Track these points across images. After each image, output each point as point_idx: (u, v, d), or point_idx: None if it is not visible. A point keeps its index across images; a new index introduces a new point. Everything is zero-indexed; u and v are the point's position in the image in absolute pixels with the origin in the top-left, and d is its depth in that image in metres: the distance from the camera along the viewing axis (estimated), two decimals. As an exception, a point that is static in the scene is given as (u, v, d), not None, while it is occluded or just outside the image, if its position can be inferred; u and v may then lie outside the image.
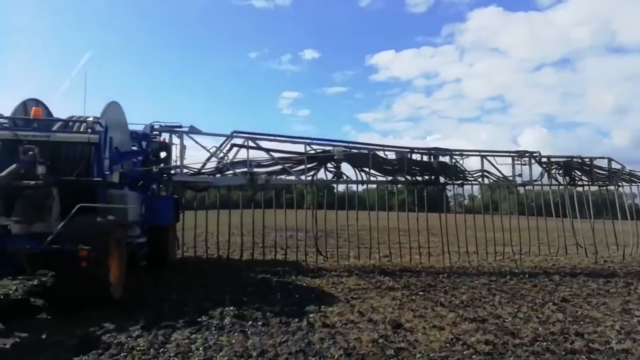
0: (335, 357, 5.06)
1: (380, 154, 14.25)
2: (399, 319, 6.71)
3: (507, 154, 15.23)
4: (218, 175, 13.48)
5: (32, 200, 7.67)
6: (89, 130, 8.79)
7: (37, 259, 6.95)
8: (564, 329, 6.45)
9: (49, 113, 9.84)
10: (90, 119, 9.28)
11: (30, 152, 7.84)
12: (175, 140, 12.92)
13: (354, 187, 14.76)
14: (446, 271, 11.86)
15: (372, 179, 14.19)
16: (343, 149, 13.95)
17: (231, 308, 7.24)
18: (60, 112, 10.23)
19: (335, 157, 13.72)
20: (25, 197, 7.64)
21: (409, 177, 14.33)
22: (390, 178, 14.28)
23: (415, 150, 14.51)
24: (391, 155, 14.34)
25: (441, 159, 14.46)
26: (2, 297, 8.12)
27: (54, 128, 8.93)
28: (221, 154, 13.31)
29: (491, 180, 15.06)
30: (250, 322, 6.43)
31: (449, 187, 14.87)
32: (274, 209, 14.94)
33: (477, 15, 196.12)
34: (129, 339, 5.58)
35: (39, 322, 6.56)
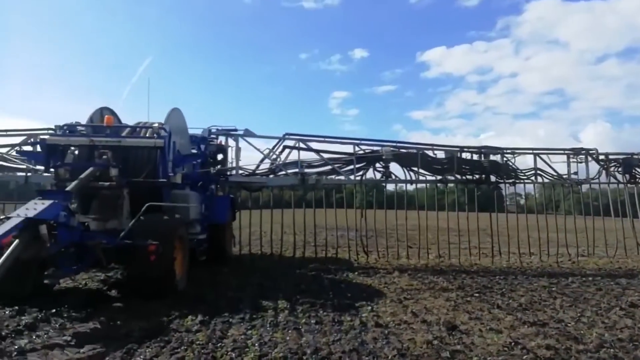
0: (389, 357, 4.98)
1: (429, 153, 14.08)
2: (454, 321, 6.53)
3: (562, 151, 14.52)
4: (271, 176, 13.94)
5: (106, 199, 8.44)
6: (155, 135, 9.39)
7: (111, 253, 7.55)
8: (633, 335, 6.04)
9: (118, 119, 10.54)
10: (156, 125, 9.82)
11: (105, 156, 8.63)
12: (231, 142, 13.58)
13: (404, 186, 14.65)
14: (502, 273, 11.44)
15: (421, 178, 14.06)
16: (391, 149, 13.97)
17: (285, 305, 7.35)
18: (123, 115, 10.85)
19: (384, 157, 13.81)
20: (100, 197, 8.45)
21: (458, 176, 14.05)
22: (439, 177, 14.07)
23: (465, 149, 14.25)
24: (440, 155, 14.15)
25: (492, 157, 14.07)
26: (80, 287, 8.84)
27: (124, 134, 9.57)
28: (274, 156, 13.82)
29: (545, 179, 14.45)
30: (303, 320, 6.47)
31: (502, 186, 14.42)
32: (324, 208, 15.20)
33: (534, 7, 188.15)
34: (188, 333, 5.76)
35: (113, 310, 7.03)
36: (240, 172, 13.71)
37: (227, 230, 12.82)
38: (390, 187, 15.45)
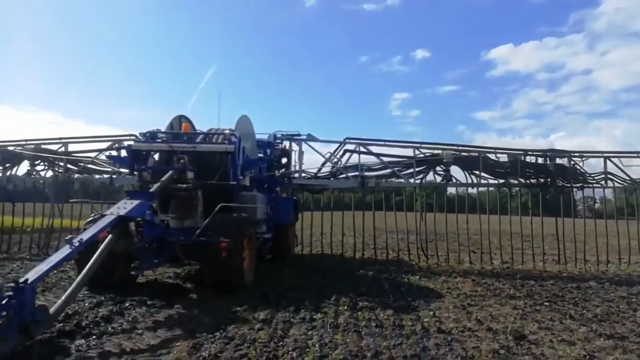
0: (453, 365, 4.80)
1: (492, 156, 13.71)
2: (522, 330, 6.18)
3: (636, 154, 13.48)
4: (332, 179, 14.29)
5: (183, 200, 9.07)
6: (226, 141, 9.99)
7: (188, 249, 8.19)
8: None
9: (193, 126, 11.23)
10: (227, 131, 10.50)
11: (182, 161, 9.31)
12: (294, 146, 14.14)
13: (465, 189, 14.40)
14: (575, 280, 10.74)
15: (482, 181, 13.73)
16: (452, 152, 13.82)
17: (345, 307, 7.31)
18: (191, 119, 11.37)
19: (444, 161, 13.69)
20: (177, 197, 9.10)
21: (522, 180, 13.57)
22: (502, 181, 13.70)
23: (530, 153, 13.75)
24: (503, 158, 13.73)
25: (559, 160, 13.46)
26: (159, 279, 9.74)
27: (198, 140, 10.26)
28: (335, 159, 14.20)
29: (616, 183, 13.49)
30: (364, 323, 6.39)
31: (576, 190, 13.66)
32: (384, 211, 15.30)
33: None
34: (251, 331, 5.86)
35: (187, 301, 7.72)
36: (303, 175, 14.20)
37: (291, 231, 13.26)
38: (451, 190, 15.15)
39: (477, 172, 13.56)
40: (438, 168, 13.87)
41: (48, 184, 14.40)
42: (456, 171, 13.91)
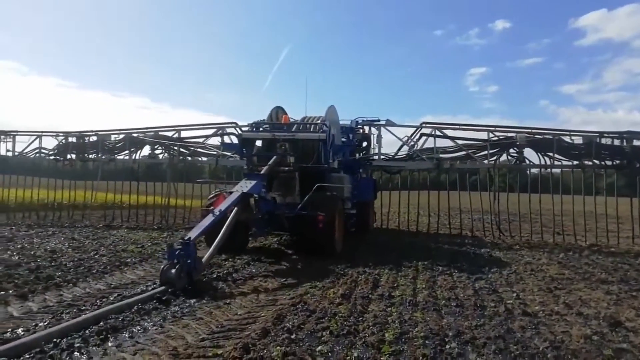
0: (541, 349, 4.52)
1: (566, 138, 13.66)
2: (618, 316, 5.69)
3: None
4: (409, 161, 15.15)
5: (284, 180, 10.65)
6: (319, 129, 11.39)
7: (291, 221, 9.79)
8: None
9: (287, 116, 12.73)
10: (318, 120, 12.00)
11: (283, 147, 10.79)
12: (374, 131, 15.26)
13: (548, 170, 14.35)
14: (676, 266, 9.71)
15: (556, 163, 13.76)
16: (526, 135, 13.87)
17: (423, 285, 7.16)
18: (266, 101, 12.92)
19: (518, 143, 13.84)
20: (279, 178, 10.66)
21: (596, 162, 13.38)
22: (576, 162, 13.67)
23: (605, 135, 13.35)
24: (577, 140, 13.63)
25: (636, 142, 13.10)
26: (267, 246, 11.60)
27: (294, 129, 11.74)
28: (412, 142, 15.02)
29: None
30: (443, 302, 6.22)
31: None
32: (458, 190, 15.68)
33: None
34: (331, 305, 5.92)
35: (292, 260, 9.62)
36: (382, 157, 15.23)
37: (371, 208, 14.83)
38: (534, 170, 14.90)
39: (551, 154, 13.63)
40: (511, 150, 14.08)
41: (165, 165, 16.75)
42: (529, 152, 14.08)
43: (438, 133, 14.76)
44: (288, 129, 11.63)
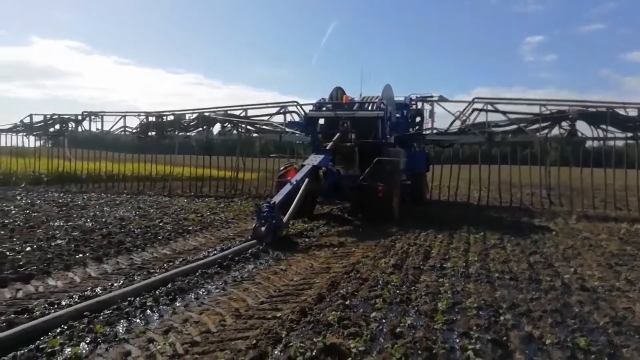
0: (601, 324, 4.36)
1: (621, 111, 13.43)
2: (685, 294, 5.38)
3: None
4: (461, 135, 15.35)
5: (346, 155, 11.46)
6: (377, 107, 12.30)
7: (353, 191, 10.80)
8: None
9: (345, 93, 13.36)
10: (376, 99, 12.71)
11: (345, 125, 11.54)
12: (426, 106, 15.72)
13: (609, 143, 14.22)
14: None
15: (609, 135, 13.62)
16: (579, 108, 13.78)
17: (475, 258, 7.05)
18: (315, 75, 13.37)
19: (570, 117, 13.75)
20: (342, 153, 11.40)
21: None
22: (630, 134, 13.42)
23: None
24: (632, 112, 13.35)
25: None
26: (331, 212, 12.78)
27: (355, 108, 12.52)
28: (464, 117, 15.14)
29: None
30: (496, 275, 6.10)
31: None
32: (509, 164, 15.87)
33: None
34: (383, 274, 5.97)
35: (354, 225, 10.70)
36: (434, 131, 15.57)
37: (424, 179, 15.72)
38: (590, 143, 14.74)
39: (604, 127, 13.50)
40: (563, 123, 13.98)
41: (235, 141, 18.14)
42: (583, 126, 13.98)
43: (490, 107, 14.86)
44: (349, 108, 12.38)
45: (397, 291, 5.22)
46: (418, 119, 15.70)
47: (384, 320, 4.31)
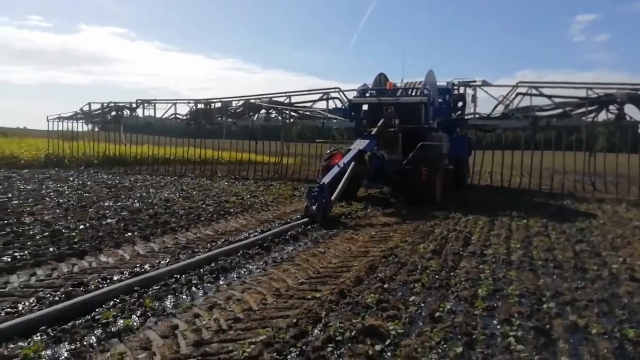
0: (651, 315, 4.19)
1: None
2: None
3: None
4: (504, 120, 15.08)
5: (389, 140, 11.61)
6: (420, 93, 12.49)
7: (397, 175, 11.10)
8: None
9: (388, 80, 13.72)
10: (419, 85, 12.88)
11: (389, 111, 11.83)
12: (469, 91, 15.55)
13: None
14: None
15: None
16: (628, 91, 13.24)
17: (518, 245, 6.88)
18: (353, 58, 13.73)
19: (618, 100, 13.26)
20: (385, 138, 11.57)
21: None
22: None
23: None
24: None
25: None
26: (378, 195, 13.18)
27: (398, 94, 12.75)
28: (507, 102, 14.85)
29: None
30: (540, 262, 5.94)
31: None
32: (553, 150, 15.37)
33: None
34: (422, 259, 5.93)
35: (397, 207, 10.90)
36: (477, 116, 15.47)
37: (465, 165, 15.78)
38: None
39: None
40: (611, 107, 13.54)
41: (278, 127, 18.97)
42: (632, 110, 13.38)
43: (534, 92, 14.48)
44: (392, 94, 12.66)
45: (436, 276, 5.18)
46: (460, 103, 15.59)
47: (422, 305, 4.30)
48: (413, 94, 12.68)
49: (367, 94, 13.22)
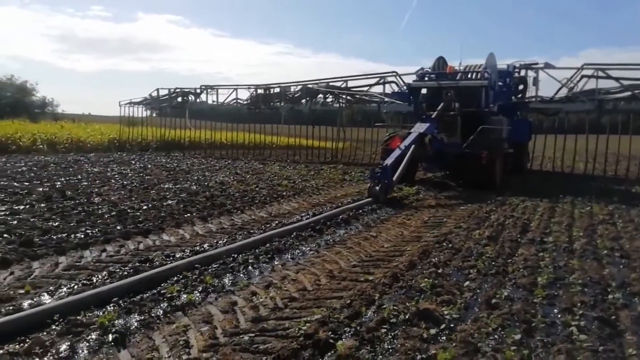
0: None
1: None
2: None
3: None
4: (567, 103, 14.53)
5: (449, 123, 11.61)
6: (481, 76, 12.43)
7: (457, 158, 11.17)
8: None
9: (447, 64, 13.74)
10: (479, 68, 12.76)
11: (449, 94, 11.86)
12: (530, 73, 15.15)
13: None
14: None
15: None
16: None
17: (580, 234, 6.57)
18: (405, 37, 13.69)
19: None
20: (445, 121, 11.55)
21: None
22: None
23: None
24: None
25: None
26: (436, 178, 13.43)
27: (458, 77, 12.80)
28: (571, 84, 14.31)
29: None
30: (604, 251, 5.65)
31: None
32: (619, 134, 14.61)
33: None
34: (477, 245, 5.81)
35: (456, 190, 11.15)
36: (538, 100, 15.04)
37: (525, 149, 15.45)
38: None
39: None
40: None
41: (335, 111, 19.34)
42: None
43: (600, 74, 13.91)
44: (452, 78, 12.72)
45: (492, 263, 5.07)
46: (521, 87, 15.23)
47: (478, 291, 4.23)
48: (473, 77, 12.67)
49: (426, 78, 13.27)
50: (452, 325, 3.46)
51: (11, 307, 3.58)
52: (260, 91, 20.01)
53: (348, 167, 15.99)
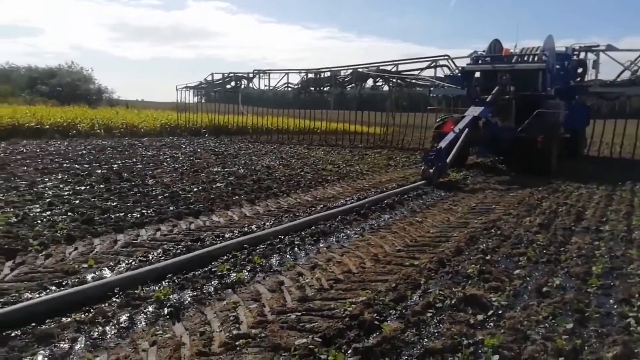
0: None
1: None
2: None
3: None
4: (631, 86, 13.93)
5: (503, 107, 11.44)
6: (538, 59, 12.12)
7: (511, 142, 10.85)
8: None
9: (502, 46, 13.33)
10: (537, 51, 12.41)
11: (504, 78, 11.68)
12: (590, 56, 14.51)
13: None
14: None
15: None
16: None
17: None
18: (451, 19, 13.25)
19: None
20: (498, 105, 11.38)
21: None
22: None
23: None
24: None
25: None
26: (488, 163, 12.94)
27: (514, 60, 12.52)
28: (635, 67, 13.86)
29: None
30: (668, 242, 5.33)
31: None
32: None
33: None
34: (527, 233, 5.63)
35: (509, 175, 10.81)
36: (598, 83, 14.47)
37: (582, 134, 15.09)
38: None
39: None
40: None
41: (386, 96, 19.37)
42: None
43: None
44: (508, 61, 12.50)
45: (544, 251, 4.91)
46: (580, 70, 14.62)
47: (528, 279, 4.12)
48: (530, 60, 12.34)
49: (480, 61, 13.12)
50: (500, 312, 3.40)
51: (76, 280, 3.85)
52: (311, 75, 20.07)
53: (392, 153, 15.84)
